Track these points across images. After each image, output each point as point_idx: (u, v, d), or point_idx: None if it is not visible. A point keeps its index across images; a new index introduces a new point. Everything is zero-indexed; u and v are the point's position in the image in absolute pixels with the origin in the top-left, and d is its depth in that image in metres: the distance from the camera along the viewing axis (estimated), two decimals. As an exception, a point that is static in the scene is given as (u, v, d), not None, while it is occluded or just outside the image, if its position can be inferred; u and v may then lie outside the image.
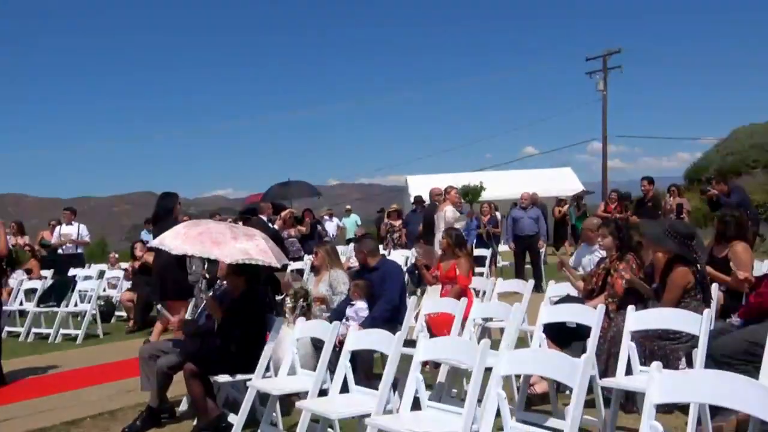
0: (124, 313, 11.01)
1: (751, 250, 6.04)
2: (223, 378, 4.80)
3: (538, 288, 10.32)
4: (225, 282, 5.40)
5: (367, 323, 5.44)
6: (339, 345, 4.83)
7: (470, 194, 21.99)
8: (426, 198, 13.74)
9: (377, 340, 4.15)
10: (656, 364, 2.69)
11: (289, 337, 4.88)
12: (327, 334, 4.52)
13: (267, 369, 4.84)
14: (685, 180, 25.76)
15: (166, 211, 7.52)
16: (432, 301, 5.71)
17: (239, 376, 4.83)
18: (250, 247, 4.54)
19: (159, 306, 6.20)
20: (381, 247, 10.11)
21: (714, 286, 5.13)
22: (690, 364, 4.44)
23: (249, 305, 5.05)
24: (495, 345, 6.28)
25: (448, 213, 9.93)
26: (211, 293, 5.22)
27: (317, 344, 4.92)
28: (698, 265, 4.79)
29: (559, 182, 23.34)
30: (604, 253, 6.02)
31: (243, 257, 4.48)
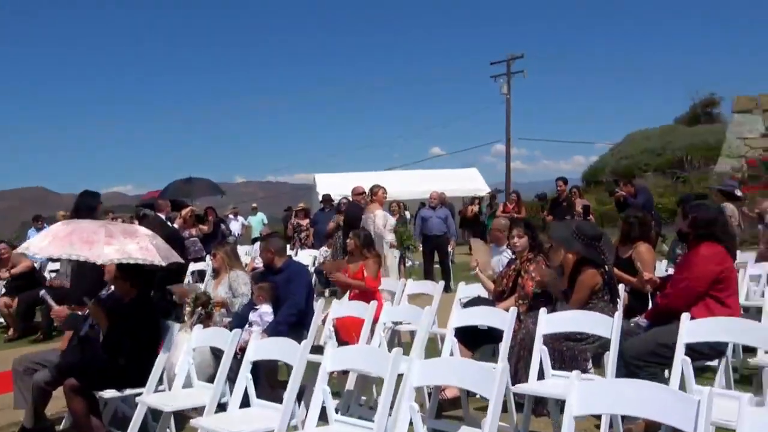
0: (2, 320, 10.03)
1: (654, 251, 6.16)
2: (109, 393, 4.35)
3: (447, 288, 10.29)
4: (112, 286, 4.92)
5: (272, 328, 5.12)
6: (241, 352, 4.52)
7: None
8: (335, 197, 13.49)
9: (281, 349, 3.85)
10: (576, 374, 2.55)
11: (186, 346, 4.50)
12: (226, 342, 4.18)
13: (160, 382, 4.44)
14: (582, 182, 26.78)
15: (88, 210, 6.94)
16: (340, 304, 5.45)
17: (128, 391, 4.40)
18: (130, 245, 4.10)
19: (43, 291, 5.59)
20: (288, 246, 9.75)
21: (620, 287, 5.15)
22: (597, 365, 4.43)
23: (139, 311, 4.62)
24: (405, 349, 6.14)
25: (379, 218, 9.48)
26: (93, 299, 4.72)
27: (217, 353, 4.55)
28: (606, 267, 4.77)
29: (466, 182, 23.64)
30: (512, 254, 5.97)
31: (119, 257, 4.04)
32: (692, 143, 24.69)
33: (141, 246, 4.13)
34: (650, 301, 5.26)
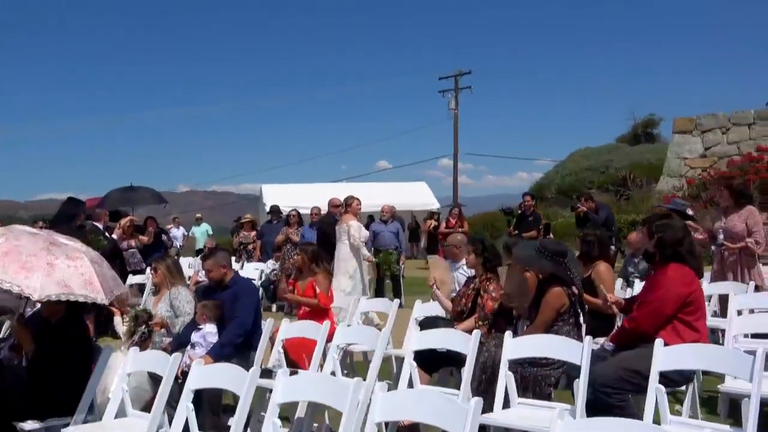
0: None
1: (613, 270, 6.05)
2: (30, 425, 3.89)
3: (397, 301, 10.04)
4: (38, 304, 4.46)
5: (216, 351, 4.74)
6: (182, 376, 4.13)
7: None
8: (283, 209, 13.08)
9: (227, 376, 3.50)
10: (558, 412, 2.31)
11: (120, 370, 4.09)
12: (165, 367, 3.79)
13: (90, 411, 4.01)
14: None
15: (68, 218, 7.24)
16: (289, 323, 5.09)
17: (52, 421, 3.94)
18: (73, 278, 3.60)
19: None
20: (233, 260, 9.32)
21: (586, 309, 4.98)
22: (556, 386, 4.23)
23: (69, 332, 4.18)
24: (358, 369, 5.82)
25: (354, 229, 9.21)
26: (17, 317, 4.25)
27: (155, 378, 4.15)
28: (573, 286, 4.55)
29: (415, 196, 23.55)
30: (470, 270, 5.75)
31: (59, 292, 3.54)
32: (634, 162, 25.32)
33: (85, 279, 3.63)
34: (616, 323, 5.11)
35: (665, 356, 3.49)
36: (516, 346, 3.95)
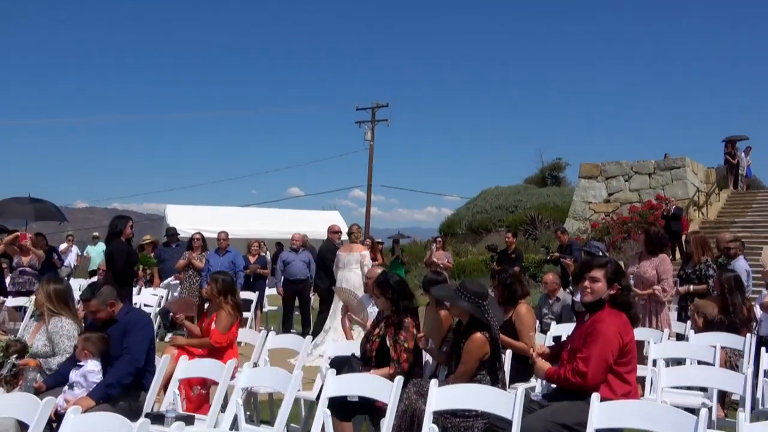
0: None
1: (533, 311, 5.86)
2: None
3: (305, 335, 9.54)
4: None
5: (100, 391, 4.12)
6: (56, 419, 3.54)
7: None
8: (186, 230, 12.33)
9: (106, 427, 2.94)
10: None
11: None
12: (35, 413, 3.19)
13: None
14: (440, 233, 27.21)
15: (115, 233, 7.50)
16: (188, 362, 4.52)
17: None
18: None
19: None
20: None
21: (507, 353, 4.73)
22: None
23: None
24: (263, 411, 5.29)
25: (368, 258, 9.11)
26: None
27: (25, 425, 3.51)
28: (491, 331, 4.26)
29: (327, 225, 23.05)
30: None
31: None
32: (541, 203, 26.03)
33: None
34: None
35: (602, 412, 3.23)
36: (441, 397, 3.60)
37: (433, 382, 3.73)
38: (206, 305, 6.05)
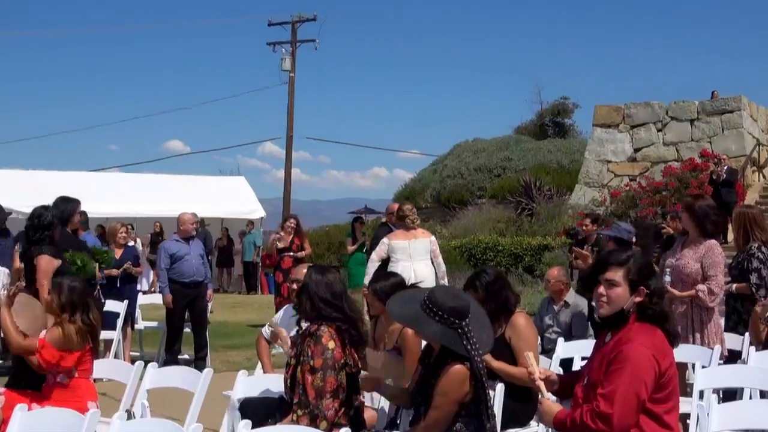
0: None
1: (533, 324, 5.98)
2: None
3: (201, 364, 9.44)
4: None
5: None
6: None
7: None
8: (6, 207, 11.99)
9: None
10: None
11: None
12: None
13: None
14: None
15: (62, 221, 8.05)
16: (26, 413, 4.45)
17: None
18: None
19: None
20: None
21: (499, 388, 4.81)
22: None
23: None
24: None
25: (436, 244, 10.12)
26: None
27: None
28: (472, 362, 4.29)
29: (228, 198, 22.73)
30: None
31: None
32: (540, 162, 26.24)
33: None
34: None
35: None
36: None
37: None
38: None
